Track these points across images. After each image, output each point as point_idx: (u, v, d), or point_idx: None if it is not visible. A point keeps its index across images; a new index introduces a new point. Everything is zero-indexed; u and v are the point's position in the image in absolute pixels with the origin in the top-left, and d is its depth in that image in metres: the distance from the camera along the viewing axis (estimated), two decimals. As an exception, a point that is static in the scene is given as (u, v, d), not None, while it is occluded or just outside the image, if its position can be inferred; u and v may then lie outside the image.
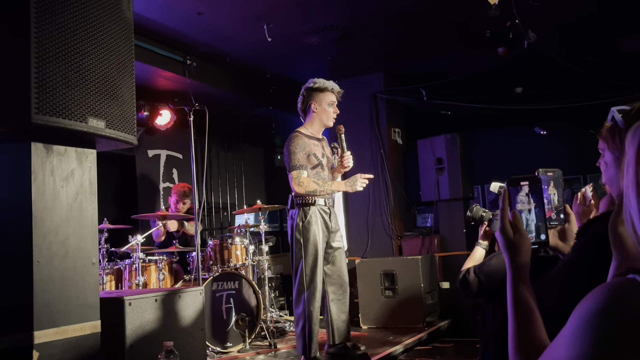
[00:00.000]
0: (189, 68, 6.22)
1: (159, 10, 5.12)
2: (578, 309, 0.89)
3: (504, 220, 1.16)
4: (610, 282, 0.90)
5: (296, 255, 3.96)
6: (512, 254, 1.14)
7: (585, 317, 0.86)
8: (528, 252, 1.14)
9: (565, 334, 0.90)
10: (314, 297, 3.90)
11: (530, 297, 1.12)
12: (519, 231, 1.15)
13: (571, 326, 0.89)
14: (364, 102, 7.19)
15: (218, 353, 4.62)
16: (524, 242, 1.14)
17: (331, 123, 4.15)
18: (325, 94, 4.11)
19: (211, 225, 8.14)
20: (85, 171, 2.51)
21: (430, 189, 7.29)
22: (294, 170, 3.98)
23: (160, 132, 7.06)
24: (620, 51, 6.68)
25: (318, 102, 4.10)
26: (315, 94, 4.11)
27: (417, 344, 5.05)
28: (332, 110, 4.13)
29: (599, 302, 0.85)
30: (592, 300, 0.87)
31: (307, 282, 3.88)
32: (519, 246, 1.14)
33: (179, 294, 3.06)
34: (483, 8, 4.89)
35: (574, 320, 0.89)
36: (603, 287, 0.88)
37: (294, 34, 5.88)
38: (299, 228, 3.93)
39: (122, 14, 2.54)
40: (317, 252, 3.92)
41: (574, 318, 0.89)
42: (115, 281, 4.92)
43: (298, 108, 4.25)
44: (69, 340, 2.30)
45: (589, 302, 0.88)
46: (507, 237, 1.15)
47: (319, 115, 4.11)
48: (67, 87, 2.22)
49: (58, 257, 2.31)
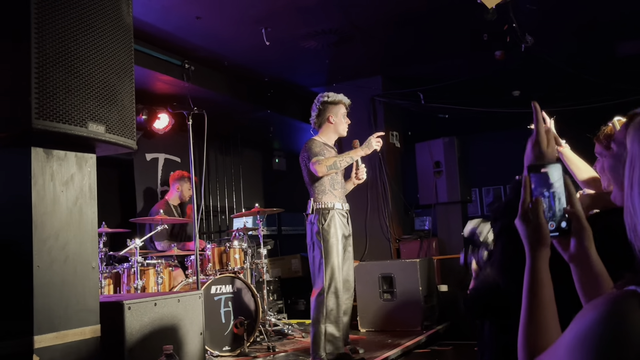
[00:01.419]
0: (187, 72, 6.23)
1: (157, 15, 5.13)
2: (579, 317, 0.90)
3: (523, 208, 1.15)
4: (612, 294, 0.89)
5: (316, 258, 4.12)
6: (530, 242, 1.14)
7: (585, 327, 0.87)
8: (546, 240, 1.13)
9: (565, 339, 0.91)
10: (333, 298, 4.04)
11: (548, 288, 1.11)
12: (537, 220, 1.14)
13: (572, 334, 0.90)
14: (362, 105, 7.20)
15: (217, 357, 4.62)
16: (542, 230, 1.13)
17: (345, 133, 4.45)
18: (339, 107, 4.41)
19: (209, 228, 8.14)
20: (85, 176, 2.51)
21: (428, 192, 7.31)
22: (314, 157, 4.17)
23: (158, 136, 7.06)
24: (618, 54, 6.71)
25: (334, 114, 4.39)
26: (331, 107, 4.39)
27: (416, 347, 5.06)
28: (345, 121, 4.43)
29: (599, 313, 0.86)
30: (593, 310, 0.87)
31: (327, 284, 4.03)
32: (538, 235, 1.13)
33: (178, 298, 3.06)
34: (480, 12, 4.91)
35: (575, 328, 0.90)
36: (604, 297, 0.89)
37: (292, 38, 5.90)
38: (319, 232, 4.10)
39: (122, 20, 2.55)
40: (338, 254, 4.09)
41: (575, 326, 0.90)
42: (114, 285, 4.91)
43: (311, 119, 4.49)
44: (69, 345, 2.30)
45: (589, 311, 0.88)
46: (526, 225, 1.15)
47: (336, 126, 4.40)
48: (68, 92, 2.23)
49: (58, 261, 2.32)
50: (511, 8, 5.06)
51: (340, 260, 4.11)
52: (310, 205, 4.24)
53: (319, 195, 4.20)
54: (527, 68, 6.90)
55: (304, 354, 4.74)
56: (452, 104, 7.11)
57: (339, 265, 4.08)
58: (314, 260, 4.16)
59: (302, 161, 4.30)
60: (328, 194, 4.20)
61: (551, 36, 6.04)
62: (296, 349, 4.99)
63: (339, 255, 4.11)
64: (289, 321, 6.06)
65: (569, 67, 6.44)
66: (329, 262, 4.05)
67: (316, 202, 4.20)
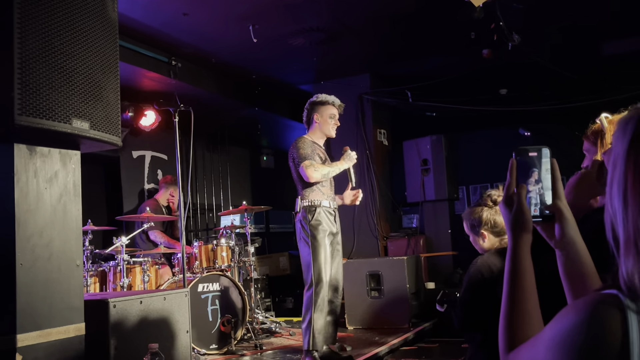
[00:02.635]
0: (174, 69, 6.19)
1: (143, 11, 5.09)
2: (560, 317, 0.90)
3: (508, 191, 1.14)
4: (593, 297, 0.89)
5: (305, 254, 4.17)
6: (512, 227, 1.13)
7: (565, 328, 0.87)
8: (528, 226, 1.12)
9: (546, 337, 0.91)
10: (321, 293, 4.08)
11: (529, 274, 1.09)
12: (520, 205, 1.12)
13: (552, 333, 0.90)
14: (350, 103, 7.19)
15: (203, 355, 4.60)
16: (524, 216, 1.12)
17: (332, 133, 4.47)
18: (326, 107, 4.43)
19: (197, 226, 8.11)
20: (70, 173, 2.49)
21: (416, 190, 7.34)
22: (305, 160, 4.18)
23: (145, 133, 7.02)
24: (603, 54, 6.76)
25: (320, 113, 4.43)
26: (317, 107, 4.45)
27: (403, 344, 5.07)
28: (332, 122, 4.44)
29: (580, 317, 0.86)
30: (575, 313, 0.87)
31: (315, 279, 4.08)
32: (519, 220, 1.12)
33: (164, 296, 3.04)
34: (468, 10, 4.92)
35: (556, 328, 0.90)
36: (585, 300, 0.88)
37: (279, 35, 5.88)
38: (308, 228, 4.15)
39: (107, 15, 2.52)
40: (326, 251, 4.14)
41: (556, 326, 0.90)
42: (100, 283, 4.87)
43: (303, 120, 4.55)
44: (53, 343, 2.28)
45: (571, 313, 0.88)
46: (509, 210, 1.13)
47: (321, 126, 4.43)
48: (51, 88, 2.20)
49: (42, 259, 2.29)
50: (498, 7, 5.08)
51: (328, 256, 4.15)
52: (298, 203, 4.28)
53: (306, 192, 4.23)
54: (514, 67, 6.94)
55: (291, 352, 4.74)
56: (440, 102, 7.13)
57: (326, 261, 4.12)
58: (303, 256, 4.21)
59: (291, 158, 4.31)
60: (316, 191, 4.23)
61: (538, 35, 6.08)
62: (284, 347, 4.98)
63: (327, 252, 4.15)
64: (276, 319, 6.05)
65: (556, 65, 6.48)
66: (317, 258, 4.10)
67: (304, 200, 4.24)
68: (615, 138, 0.96)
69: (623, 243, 0.89)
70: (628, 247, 0.88)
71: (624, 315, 0.83)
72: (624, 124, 0.94)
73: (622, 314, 0.83)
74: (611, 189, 0.94)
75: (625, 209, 0.89)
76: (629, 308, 0.83)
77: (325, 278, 4.10)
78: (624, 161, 0.91)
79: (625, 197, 0.89)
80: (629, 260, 0.87)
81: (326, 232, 4.18)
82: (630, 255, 0.87)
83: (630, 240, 0.87)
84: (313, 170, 4.14)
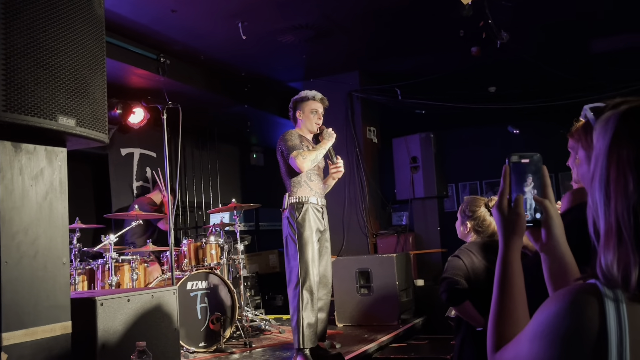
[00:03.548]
0: (162, 66, 6.16)
1: (131, 7, 5.06)
2: (542, 308, 0.93)
3: (502, 197, 1.17)
4: (572, 287, 0.93)
5: (291, 251, 4.15)
6: (506, 231, 1.15)
7: (547, 317, 0.90)
8: (522, 231, 1.15)
9: (528, 330, 0.94)
10: (308, 291, 4.06)
11: (518, 277, 1.12)
12: (515, 210, 1.15)
13: (534, 325, 0.93)
14: (340, 100, 7.21)
15: (193, 353, 4.58)
16: (519, 222, 1.15)
17: (314, 128, 4.47)
18: (307, 103, 4.46)
19: (186, 224, 8.08)
20: (56, 170, 2.46)
21: (405, 188, 7.35)
22: (293, 150, 4.18)
23: (133, 131, 6.98)
24: (592, 52, 6.80)
25: (302, 110, 4.47)
26: (299, 103, 4.49)
27: (392, 341, 5.08)
28: (314, 117, 4.45)
29: (561, 305, 0.89)
30: (556, 302, 0.91)
31: (302, 277, 4.06)
32: (513, 225, 1.14)
33: (152, 294, 3.03)
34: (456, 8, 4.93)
35: (538, 318, 0.93)
36: (566, 290, 0.92)
37: (269, 33, 5.87)
38: (294, 225, 4.13)
39: (93, 11, 2.50)
40: (313, 247, 4.13)
41: (538, 317, 0.93)
42: (88, 281, 4.85)
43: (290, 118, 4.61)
44: (38, 342, 2.26)
45: (552, 303, 0.92)
46: (503, 215, 1.16)
47: (304, 121, 4.46)
48: (36, 84, 2.18)
49: (27, 257, 2.27)
50: (487, 4, 5.09)
51: (315, 254, 4.14)
52: (285, 200, 4.26)
53: (294, 188, 4.22)
54: (503, 64, 6.96)
55: (280, 350, 4.73)
56: (429, 100, 7.15)
57: (313, 258, 4.11)
58: (288, 254, 4.19)
59: (279, 152, 4.31)
60: (304, 187, 4.21)
61: (526, 33, 6.10)
62: (273, 345, 4.98)
63: (314, 249, 4.14)
64: (266, 317, 6.05)
65: (544, 63, 6.51)
66: (303, 256, 4.08)
67: (291, 197, 4.23)
68: (596, 135, 1.00)
69: (603, 235, 0.93)
70: (609, 238, 0.91)
71: (602, 303, 0.87)
72: (605, 122, 0.98)
73: (600, 302, 0.87)
74: (592, 184, 0.97)
75: (607, 202, 0.92)
76: (606, 296, 0.87)
77: (312, 276, 4.08)
78: (605, 157, 0.94)
79: (607, 190, 0.93)
80: (609, 251, 0.90)
81: (313, 230, 4.16)
82: (610, 246, 0.90)
83: (612, 231, 0.91)
84: (302, 159, 4.13)
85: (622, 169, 0.91)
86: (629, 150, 0.91)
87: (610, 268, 0.89)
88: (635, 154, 0.90)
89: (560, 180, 9.18)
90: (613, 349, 0.85)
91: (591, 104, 1.47)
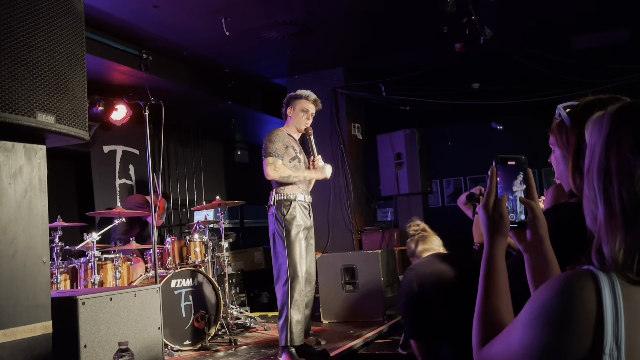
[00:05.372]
0: (144, 62, 6.09)
1: (112, 3, 5.00)
2: (535, 296, 0.94)
3: (488, 197, 1.19)
4: (566, 273, 0.94)
5: (279, 248, 4.15)
6: (490, 231, 1.18)
7: (541, 303, 0.91)
8: (506, 230, 1.18)
9: (521, 319, 0.95)
10: (297, 289, 4.06)
11: (502, 275, 1.15)
12: (498, 210, 1.18)
13: (527, 311, 0.94)
14: (324, 97, 7.14)
15: (177, 351, 4.56)
16: (501, 221, 1.18)
17: (302, 127, 4.46)
18: (299, 101, 4.47)
19: (170, 222, 8.02)
20: (35, 167, 2.42)
21: (390, 184, 7.37)
22: (269, 156, 4.19)
23: (116, 128, 6.91)
24: (573, 48, 6.86)
25: (293, 107, 4.48)
26: (292, 100, 4.50)
27: (377, 337, 5.09)
28: (304, 116, 4.45)
29: (556, 289, 0.90)
30: (549, 288, 0.92)
31: (291, 274, 4.06)
32: (497, 224, 1.17)
33: (134, 293, 3.00)
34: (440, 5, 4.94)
35: (530, 307, 0.94)
36: (559, 277, 0.93)
37: (252, 29, 5.84)
38: (282, 222, 4.13)
39: (72, 6, 2.46)
40: (300, 245, 4.13)
41: (530, 305, 0.94)
42: (70, 280, 4.79)
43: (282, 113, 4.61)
44: (18, 342, 2.22)
45: (544, 290, 0.93)
46: (488, 214, 1.19)
47: (293, 119, 4.46)
48: (14, 80, 2.14)
49: (6, 256, 2.23)
50: (470, 1, 5.11)
51: (302, 251, 4.14)
52: (272, 197, 4.25)
53: (280, 186, 4.21)
54: (486, 61, 6.99)
55: (266, 347, 4.72)
56: (413, 96, 7.17)
57: (301, 255, 4.11)
58: (276, 251, 4.18)
59: (263, 145, 4.30)
60: (290, 185, 4.20)
61: (509, 29, 6.13)
62: (258, 342, 4.96)
63: (301, 246, 4.14)
64: (251, 314, 6.03)
65: (526, 60, 6.55)
66: (292, 253, 4.08)
67: (278, 194, 4.21)
68: (590, 131, 1.02)
69: (606, 222, 0.94)
70: (614, 223, 0.92)
71: (598, 285, 0.88)
72: (599, 119, 1.01)
73: (595, 284, 0.88)
74: (589, 175, 0.99)
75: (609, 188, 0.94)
76: (602, 279, 0.89)
77: (300, 273, 4.09)
78: (604, 148, 0.97)
79: (608, 178, 0.95)
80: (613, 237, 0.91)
81: (301, 227, 4.16)
82: (617, 230, 0.92)
83: (617, 215, 0.92)
84: (273, 168, 4.14)
85: (625, 157, 0.93)
86: (629, 138, 0.94)
87: (614, 253, 0.90)
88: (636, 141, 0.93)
89: (544, 176, 9.26)
90: (609, 330, 0.86)
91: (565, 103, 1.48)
